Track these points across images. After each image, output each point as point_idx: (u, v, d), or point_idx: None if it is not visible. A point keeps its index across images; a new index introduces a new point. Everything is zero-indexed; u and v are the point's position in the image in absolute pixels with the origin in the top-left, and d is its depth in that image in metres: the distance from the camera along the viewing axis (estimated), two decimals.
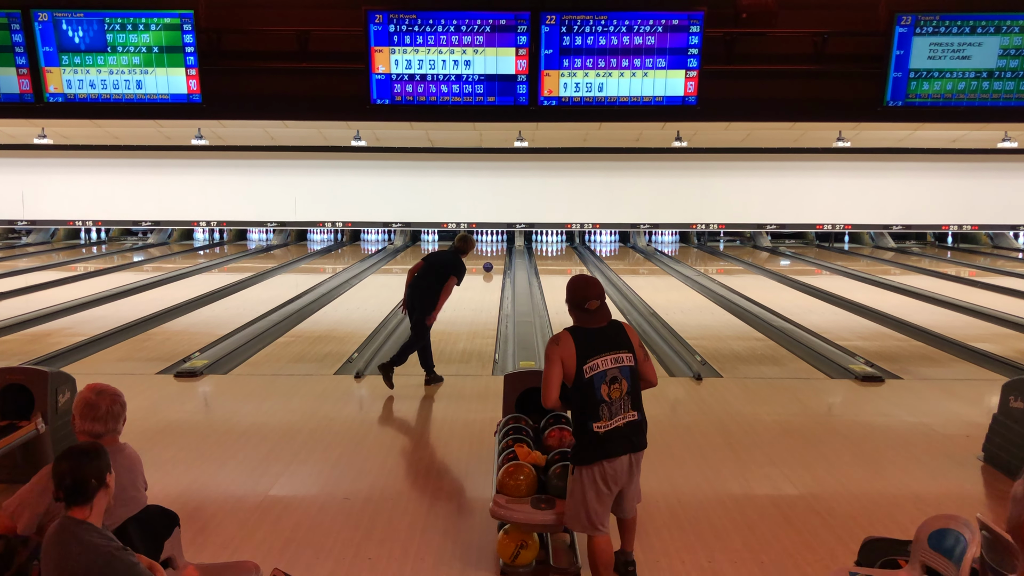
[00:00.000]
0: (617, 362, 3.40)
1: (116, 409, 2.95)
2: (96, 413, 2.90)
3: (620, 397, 3.38)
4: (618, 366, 3.40)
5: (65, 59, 7.69)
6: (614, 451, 3.37)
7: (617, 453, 3.37)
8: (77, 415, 2.92)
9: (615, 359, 3.41)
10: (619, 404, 3.38)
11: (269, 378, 7.47)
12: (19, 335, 9.22)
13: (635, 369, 3.45)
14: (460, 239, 6.99)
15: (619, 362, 3.41)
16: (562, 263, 18.38)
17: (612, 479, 3.39)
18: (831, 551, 3.98)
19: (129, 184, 19.60)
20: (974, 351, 8.60)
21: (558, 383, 3.41)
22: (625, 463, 3.41)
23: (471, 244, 7.01)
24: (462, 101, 7.70)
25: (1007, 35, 7.52)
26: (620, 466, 3.40)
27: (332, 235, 21.75)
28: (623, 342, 3.46)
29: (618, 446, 3.37)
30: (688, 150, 17.10)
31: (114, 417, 2.93)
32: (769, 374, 7.81)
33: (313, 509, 4.44)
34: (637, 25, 7.51)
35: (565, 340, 3.42)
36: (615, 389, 3.38)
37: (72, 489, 2.39)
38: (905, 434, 5.91)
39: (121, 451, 2.93)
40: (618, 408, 3.38)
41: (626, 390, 3.40)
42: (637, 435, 3.43)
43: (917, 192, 19.61)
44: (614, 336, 3.47)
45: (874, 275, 15.11)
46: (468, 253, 6.95)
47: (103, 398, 2.94)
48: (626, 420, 3.38)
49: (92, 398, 2.93)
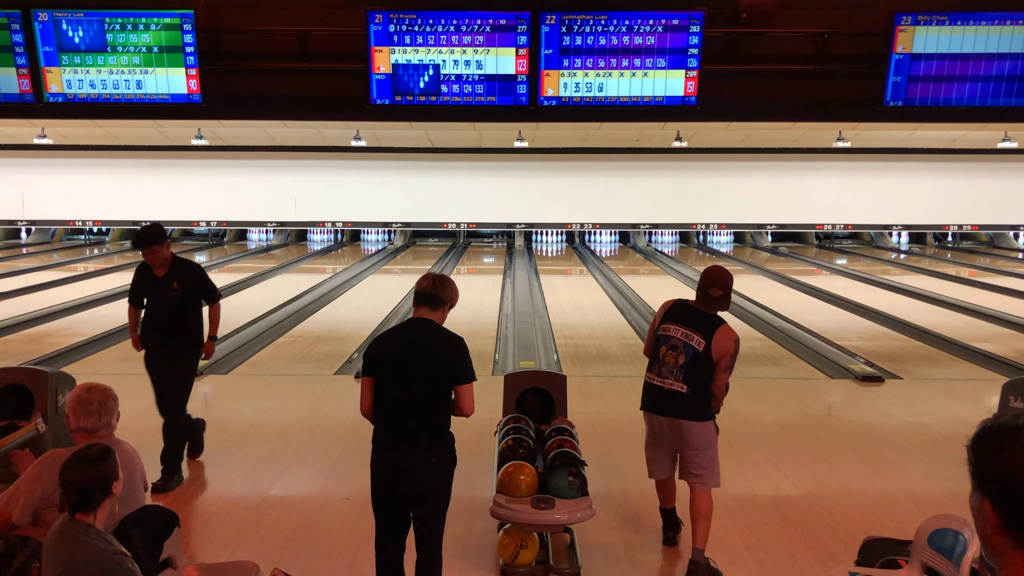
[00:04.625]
0: (687, 338, 3.79)
1: (109, 404, 2.97)
2: (89, 409, 2.92)
3: (674, 365, 3.79)
4: (684, 340, 3.79)
5: (65, 59, 7.69)
6: (654, 406, 3.88)
7: (656, 410, 3.87)
8: (70, 413, 2.94)
9: (686, 335, 3.80)
10: (670, 370, 3.81)
11: (269, 378, 7.47)
12: (19, 335, 9.22)
13: (699, 353, 3.76)
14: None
15: (688, 339, 3.78)
16: (562, 263, 18.38)
17: (655, 430, 3.92)
18: (831, 551, 3.98)
19: (129, 184, 19.58)
20: (974, 351, 8.60)
21: (651, 336, 3.99)
22: (664, 423, 3.86)
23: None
24: (462, 101, 7.70)
25: (1008, 35, 7.52)
26: (660, 423, 3.88)
27: (332, 235, 21.75)
28: (706, 330, 3.78)
29: (658, 404, 3.86)
30: (688, 150, 17.09)
31: (108, 412, 2.96)
32: (769, 374, 7.80)
33: (313, 509, 4.44)
34: (637, 25, 7.50)
35: (664, 304, 4.03)
36: (670, 355, 3.81)
37: (78, 500, 2.40)
38: (905, 434, 5.91)
39: (117, 446, 2.93)
40: (668, 373, 3.81)
41: (682, 363, 3.77)
42: (677, 404, 3.80)
43: (917, 192, 19.60)
44: (703, 322, 3.82)
45: (874, 275, 15.11)
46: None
47: (94, 394, 2.96)
48: (672, 388, 3.80)
49: (84, 395, 2.95)
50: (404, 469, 3.18)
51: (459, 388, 3.23)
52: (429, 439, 3.21)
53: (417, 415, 3.19)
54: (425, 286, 3.32)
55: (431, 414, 3.22)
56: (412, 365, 3.20)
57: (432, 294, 3.30)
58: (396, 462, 3.19)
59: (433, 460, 3.21)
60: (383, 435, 3.23)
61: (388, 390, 3.22)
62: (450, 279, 3.39)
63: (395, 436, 3.20)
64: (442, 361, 3.22)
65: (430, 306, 3.31)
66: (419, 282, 3.36)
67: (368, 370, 3.27)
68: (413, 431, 3.18)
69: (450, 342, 3.26)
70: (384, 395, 3.22)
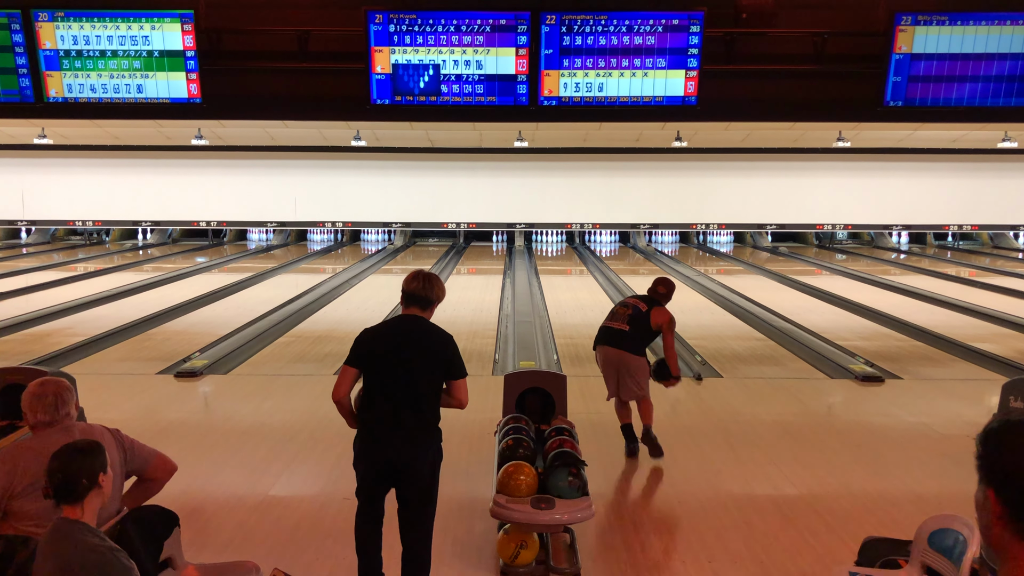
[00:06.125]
0: (635, 302, 5.46)
1: (64, 395, 2.96)
2: (44, 403, 2.91)
3: (622, 316, 5.36)
4: (633, 304, 5.45)
5: (66, 63, 7.69)
6: (606, 341, 5.35)
7: (606, 343, 5.33)
8: (27, 410, 2.93)
9: (635, 302, 5.47)
10: (619, 318, 5.36)
11: (269, 378, 7.47)
12: (19, 335, 9.22)
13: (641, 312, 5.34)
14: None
15: (636, 303, 5.44)
16: (562, 263, 18.38)
17: (606, 359, 5.35)
18: (831, 551, 3.98)
19: (129, 184, 19.58)
20: (974, 351, 8.60)
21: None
22: (612, 353, 5.29)
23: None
24: (462, 101, 7.70)
25: (1008, 35, 7.52)
26: (608, 353, 5.31)
27: (332, 235, 21.75)
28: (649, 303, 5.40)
29: (609, 340, 5.33)
30: (688, 150, 17.09)
31: (64, 403, 2.95)
32: (769, 374, 7.81)
33: (313, 509, 4.44)
34: (637, 25, 7.50)
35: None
36: (621, 309, 5.46)
37: (62, 487, 2.37)
38: (905, 434, 5.91)
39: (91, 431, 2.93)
40: (617, 319, 5.37)
41: (628, 316, 5.34)
42: (621, 339, 5.27)
43: (917, 192, 19.59)
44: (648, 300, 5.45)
45: (874, 275, 15.11)
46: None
47: (48, 387, 2.95)
48: (619, 328, 5.32)
49: (37, 390, 2.94)
50: (402, 461, 3.28)
51: (455, 383, 3.37)
52: (425, 432, 3.33)
53: (413, 409, 3.29)
54: (415, 288, 3.40)
55: (427, 408, 3.33)
56: (409, 362, 3.29)
57: (422, 295, 3.40)
58: (391, 455, 3.28)
59: (429, 452, 3.34)
60: (376, 428, 3.32)
61: (382, 385, 3.31)
62: (437, 277, 3.48)
63: (391, 429, 3.28)
64: (438, 357, 3.34)
65: (420, 306, 3.42)
66: (408, 282, 3.43)
67: (356, 362, 3.37)
68: (410, 425, 3.29)
69: (444, 340, 3.40)
70: (377, 390, 3.33)
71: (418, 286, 3.40)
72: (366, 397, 3.37)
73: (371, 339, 3.41)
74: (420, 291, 3.39)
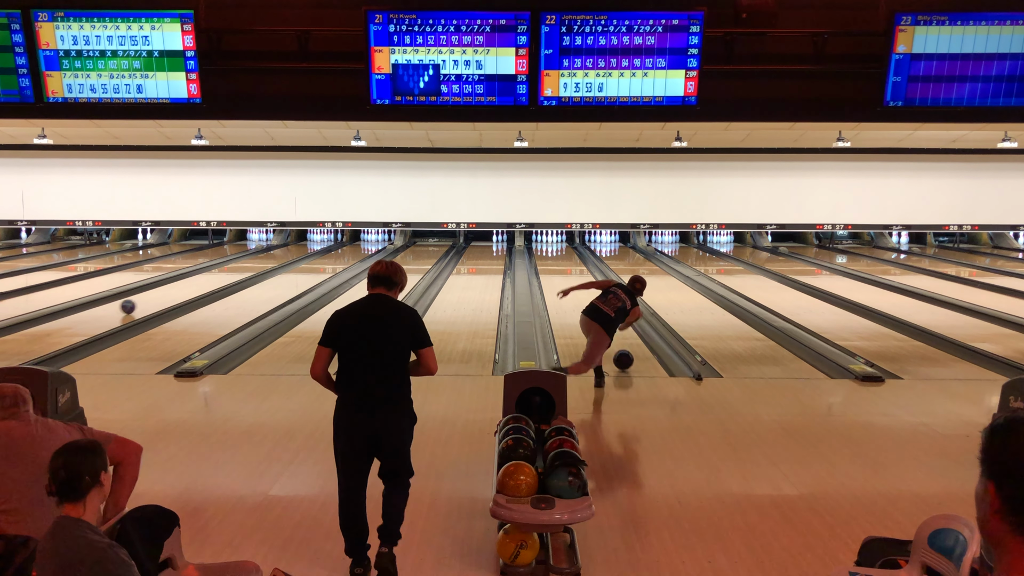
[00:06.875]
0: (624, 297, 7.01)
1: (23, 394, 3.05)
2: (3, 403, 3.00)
3: (615, 304, 6.90)
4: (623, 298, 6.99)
5: (66, 64, 7.69)
6: (593, 317, 6.91)
7: (593, 319, 6.90)
8: None
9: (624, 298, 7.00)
10: (611, 305, 6.91)
11: (269, 378, 7.47)
12: (19, 335, 9.22)
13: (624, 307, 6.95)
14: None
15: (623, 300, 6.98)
16: (562, 263, 18.38)
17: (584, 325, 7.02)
18: (831, 551, 3.98)
19: (129, 184, 19.59)
20: (974, 351, 8.60)
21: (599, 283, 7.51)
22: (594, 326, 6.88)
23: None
24: (462, 101, 7.70)
25: (1008, 35, 7.51)
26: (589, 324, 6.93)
27: (332, 235, 21.76)
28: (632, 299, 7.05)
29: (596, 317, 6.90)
30: (688, 150, 17.09)
31: (23, 400, 3.04)
32: (769, 374, 7.81)
33: (313, 509, 4.44)
34: (637, 25, 7.50)
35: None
36: (613, 299, 6.98)
37: (65, 484, 2.38)
38: (905, 434, 5.91)
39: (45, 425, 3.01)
40: (609, 305, 6.91)
41: (618, 306, 6.90)
42: (603, 319, 6.85)
43: (917, 192, 19.60)
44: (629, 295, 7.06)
45: (874, 275, 15.11)
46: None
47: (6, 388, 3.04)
48: (606, 312, 6.86)
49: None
50: (381, 429, 3.59)
51: (423, 351, 3.68)
52: (399, 400, 3.66)
53: (387, 380, 3.62)
54: (380, 270, 3.75)
55: (399, 378, 3.66)
56: (377, 335, 3.60)
57: (388, 276, 3.74)
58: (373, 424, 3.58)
59: (404, 418, 3.69)
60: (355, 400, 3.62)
61: (357, 360, 3.62)
62: (401, 267, 3.81)
63: (369, 400, 3.59)
64: (406, 329, 3.65)
65: (385, 287, 3.74)
66: (374, 267, 3.78)
67: (329, 341, 3.67)
68: (386, 395, 3.61)
69: (410, 312, 3.72)
70: (352, 364, 3.63)
71: (382, 269, 3.74)
72: (342, 373, 3.67)
73: (341, 318, 3.70)
74: (384, 272, 3.73)
